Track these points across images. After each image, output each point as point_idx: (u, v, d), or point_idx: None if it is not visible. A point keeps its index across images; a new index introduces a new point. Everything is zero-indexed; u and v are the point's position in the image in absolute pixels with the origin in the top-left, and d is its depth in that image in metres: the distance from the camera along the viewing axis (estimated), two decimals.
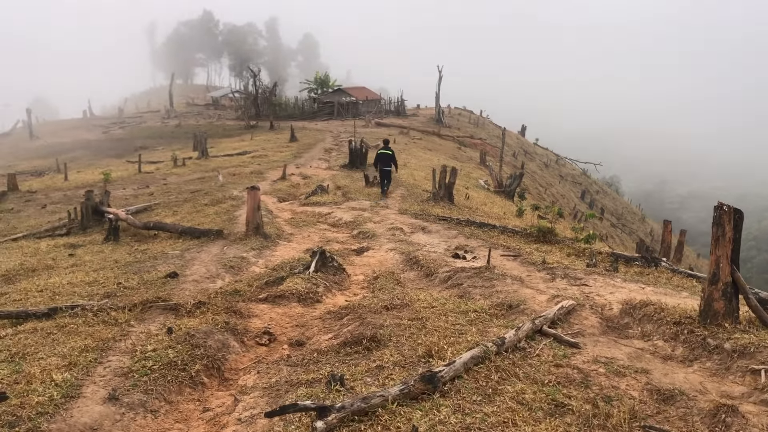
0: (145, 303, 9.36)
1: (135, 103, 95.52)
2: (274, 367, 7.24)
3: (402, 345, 7.26)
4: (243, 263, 12.52)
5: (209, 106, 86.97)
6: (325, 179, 25.49)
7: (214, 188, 23.73)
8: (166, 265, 12.45)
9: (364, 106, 66.86)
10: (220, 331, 8.21)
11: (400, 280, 11.34)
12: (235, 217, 17.39)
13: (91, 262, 13.56)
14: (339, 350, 7.34)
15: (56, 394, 6.15)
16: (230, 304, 9.45)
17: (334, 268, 11.59)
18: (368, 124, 55.65)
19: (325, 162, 32.59)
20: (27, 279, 12.46)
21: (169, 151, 40.34)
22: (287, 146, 40.15)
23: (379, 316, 8.43)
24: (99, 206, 18.83)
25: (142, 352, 7.34)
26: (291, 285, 10.36)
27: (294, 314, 9.46)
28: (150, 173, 32.10)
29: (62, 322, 8.71)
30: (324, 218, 18.24)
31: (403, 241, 14.55)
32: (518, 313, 8.84)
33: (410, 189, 23.73)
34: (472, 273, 11.02)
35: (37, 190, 29.61)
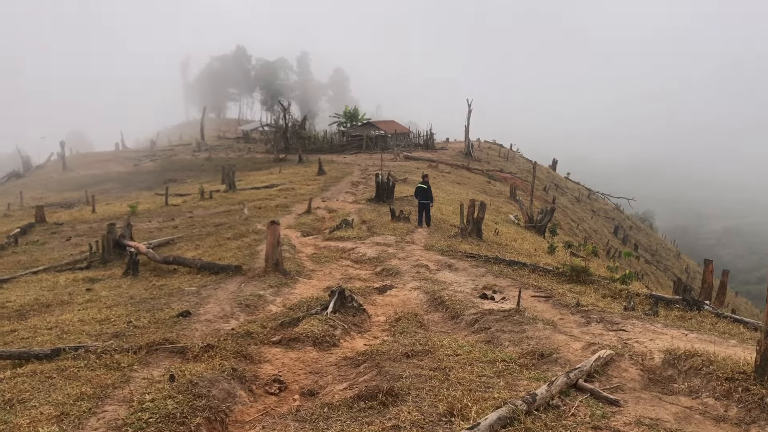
0: (151, 345, 8.86)
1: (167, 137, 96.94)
2: (281, 423, 6.61)
3: (422, 400, 6.58)
4: (259, 302, 11.98)
5: (240, 140, 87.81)
6: (351, 213, 25.03)
7: (238, 222, 23.42)
8: (180, 302, 11.98)
9: (393, 139, 66.71)
10: (226, 379, 7.62)
11: (423, 322, 10.67)
12: (256, 252, 16.94)
13: (106, 298, 13.17)
14: (352, 405, 6.69)
15: None
16: (241, 347, 8.88)
17: (354, 309, 10.98)
18: (396, 157, 55.35)
19: (351, 195, 32.19)
20: (40, 315, 12.10)
21: (198, 184, 40.44)
22: (315, 179, 39.94)
23: (398, 365, 7.77)
24: (121, 239, 18.60)
25: (140, 402, 6.77)
26: (307, 327, 9.76)
27: (308, 359, 8.85)
28: (177, 206, 32.04)
29: (64, 365, 8.24)
30: (347, 254, 17.69)
31: (428, 280, 13.90)
32: (551, 362, 8.11)
33: (437, 224, 23.11)
34: (501, 316, 10.31)
35: (65, 222, 29.69)
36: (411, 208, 25.93)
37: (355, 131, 69.44)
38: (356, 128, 70.48)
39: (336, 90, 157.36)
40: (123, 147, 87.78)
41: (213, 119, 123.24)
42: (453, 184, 42.24)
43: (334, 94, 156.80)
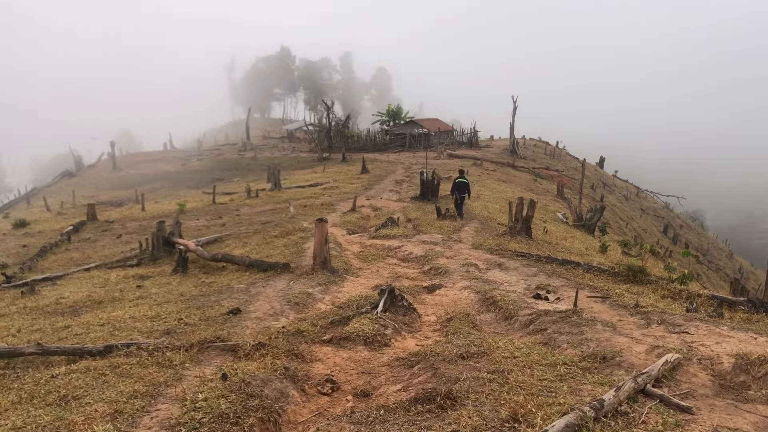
0: (203, 342, 8.80)
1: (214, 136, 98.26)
2: (335, 424, 6.43)
3: (482, 404, 6.32)
4: (308, 300, 11.86)
5: (284, 139, 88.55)
6: (396, 211, 24.82)
7: (284, 220, 23.45)
8: (230, 300, 11.95)
9: (436, 137, 66.23)
10: (279, 378, 7.48)
11: (476, 323, 10.38)
12: (303, 249, 16.87)
13: (156, 295, 13.26)
14: (409, 408, 6.47)
15: None
16: (292, 346, 8.74)
17: (404, 308, 10.76)
18: (440, 155, 54.93)
19: (395, 194, 31.98)
20: (92, 311, 12.23)
21: (244, 183, 40.78)
22: (358, 178, 39.87)
23: (454, 367, 7.51)
24: (170, 237, 18.77)
25: (193, 401, 6.68)
26: (357, 326, 9.58)
27: (360, 359, 8.66)
28: (224, 204, 32.33)
29: (116, 362, 8.24)
30: (394, 252, 17.48)
31: (478, 279, 13.58)
32: (614, 366, 7.74)
33: (484, 222, 22.72)
34: (558, 317, 9.95)
35: (115, 220, 30.24)
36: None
37: (398, 129, 69.21)
38: (399, 126, 70.24)
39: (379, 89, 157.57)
40: (171, 147, 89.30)
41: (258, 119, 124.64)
42: (498, 182, 41.65)
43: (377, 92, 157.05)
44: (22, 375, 8.23)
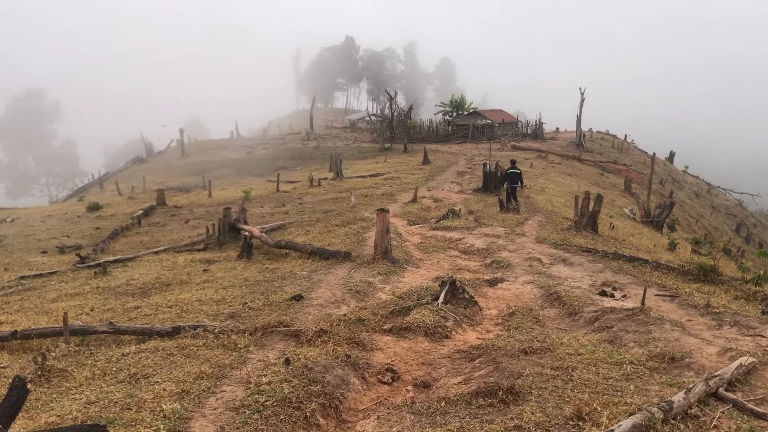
0: (266, 327, 8.97)
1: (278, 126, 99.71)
2: (396, 414, 6.44)
3: (545, 401, 6.21)
4: (369, 289, 11.92)
5: (346, 129, 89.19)
6: (457, 203, 24.64)
7: (346, 209, 23.62)
8: (293, 286, 12.13)
9: (500, 128, 65.38)
10: (340, 365, 7.55)
11: (539, 318, 10.21)
12: (364, 239, 16.96)
13: (222, 279, 13.57)
14: (470, 401, 6.41)
15: (163, 428, 5.72)
16: (353, 333, 8.81)
17: (465, 301, 10.67)
18: (504, 147, 54.21)
19: (457, 185, 31.75)
20: (160, 293, 12.62)
21: (307, 172, 41.28)
22: (420, 168, 39.76)
23: (516, 362, 7.41)
24: (235, 223, 19.17)
25: (257, 384, 6.81)
26: (418, 317, 9.57)
27: (420, 350, 8.65)
28: (287, 192, 32.81)
29: (184, 343, 8.49)
30: (455, 244, 17.37)
31: (541, 274, 13.34)
32: (683, 367, 7.47)
33: (549, 216, 22.31)
34: (624, 315, 9.68)
35: (183, 205, 31.12)
36: (520, 198, 25.21)
37: (461, 120, 68.64)
38: (462, 117, 69.64)
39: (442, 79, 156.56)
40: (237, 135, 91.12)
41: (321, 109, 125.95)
42: (563, 175, 40.82)
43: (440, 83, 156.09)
44: (95, 352, 8.56)
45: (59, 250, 20.91)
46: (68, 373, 7.63)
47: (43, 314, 11.44)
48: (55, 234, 25.35)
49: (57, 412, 6.26)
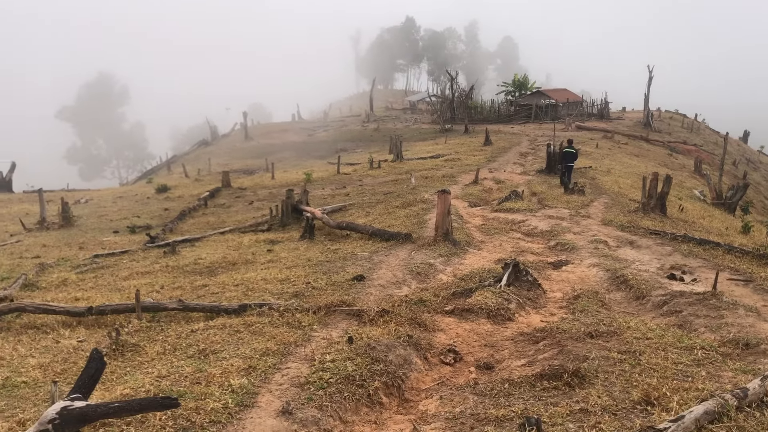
0: (329, 306, 9.09)
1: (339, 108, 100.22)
2: (459, 394, 6.44)
3: (612, 385, 6.09)
4: (430, 270, 11.91)
5: (406, 110, 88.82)
6: (520, 184, 24.27)
7: (406, 191, 23.60)
8: (354, 266, 12.24)
9: (564, 108, 63.82)
10: (402, 345, 7.59)
11: (604, 301, 9.99)
12: (424, 220, 16.92)
13: (286, 259, 13.80)
14: (534, 383, 6.35)
15: (231, 402, 5.88)
16: (415, 314, 8.83)
17: (529, 283, 10.54)
18: (568, 127, 52.94)
19: (520, 166, 31.25)
20: (227, 272, 12.94)
21: (367, 154, 41.40)
22: (481, 150, 39.29)
23: (582, 345, 7.28)
24: (298, 205, 19.44)
25: (321, 361, 6.93)
26: (480, 298, 9.51)
27: (482, 332, 8.60)
28: (347, 174, 33.02)
29: (250, 320, 8.69)
30: (517, 226, 17.13)
31: (607, 256, 13.03)
32: (758, 354, 7.19)
33: (615, 198, 21.73)
34: (694, 299, 9.37)
35: (247, 187, 31.75)
36: (585, 180, 24.64)
37: (523, 100, 67.33)
38: (525, 97, 68.29)
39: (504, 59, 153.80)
40: (298, 118, 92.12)
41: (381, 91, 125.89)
42: (630, 156, 39.60)
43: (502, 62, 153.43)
44: (166, 328, 8.88)
45: (130, 230, 21.68)
46: (141, 348, 7.94)
47: (116, 291, 11.90)
48: (126, 215, 26.30)
49: (131, 385, 6.52)
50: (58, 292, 12.23)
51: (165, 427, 5.37)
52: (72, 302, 10.73)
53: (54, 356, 8.01)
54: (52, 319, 9.76)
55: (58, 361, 7.83)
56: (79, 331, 9.19)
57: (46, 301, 10.62)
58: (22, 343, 8.66)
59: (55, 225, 23.31)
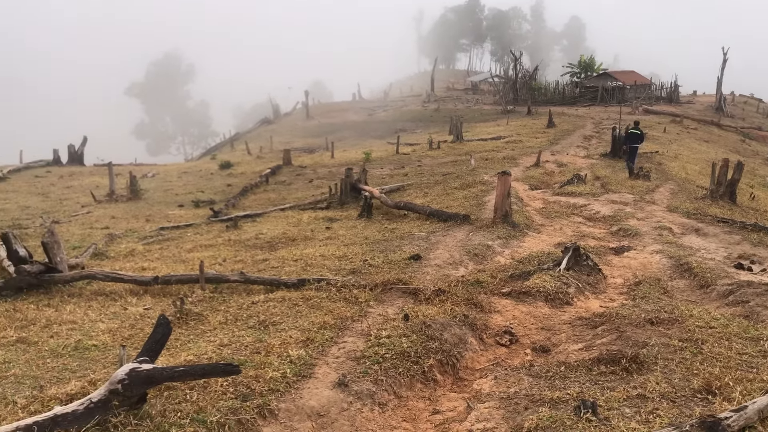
0: (386, 284, 9.18)
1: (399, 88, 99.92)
2: (513, 375, 6.44)
3: (671, 372, 5.97)
4: (488, 252, 11.85)
5: (468, 91, 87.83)
6: (583, 168, 23.76)
7: (465, 172, 23.45)
8: (411, 246, 12.29)
9: (632, 91, 61.92)
10: (458, 325, 7.62)
11: (667, 288, 9.75)
12: (483, 202, 16.81)
13: (343, 237, 13.97)
14: (591, 367, 6.28)
15: (289, 372, 6.05)
16: (471, 295, 8.83)
17: (589, 268, 10.37)
18: (635, 111, 51.41)
19: (583, 150, 30.57)
20: (286, 247, 13.20)
21: (426, 134, 41.25)
22: (543, 132, 38.59)
23: (641, 331, 7.15)
24: (357, 183, 19.60)
25: (377, 337, 7.03)
26: (538, 282, 9.42)
27: (539, 315, 8.54)
28: (406, 154, 33.00)
29: (308, 295, 8.87)
30: (579, 210, 16.82)
31: (671, 243, 12.68)
32: None
33: (681, 184, 21.06)
34: (763, 289, 9.04)
35: (307, 165, 32.14)
36: (651, 165, 23.93)
37: (589, 82, 65.61)
38: (591, 79, 66.53)
39: (570, 39, 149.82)
40: (359, 97, 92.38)
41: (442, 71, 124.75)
42: (699, 141, 38.20)
43: (568, 43, 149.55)
44: (228, 299, 9.15)
45: (194, 204, 22.30)
46: (204, 317, 8.22)
47: (181, 262, 12.30)
48: (191, 189, 27.05)
49: (194, 352, 6.77)
50: (126, 261, 12.73)
51: (226, 393, 5.56)
52: (139, 272, 11.16)
53: (122, 322, 8.37)
54: (120, 287, 10.17)
55: (125, 326, 8.17)
56: (145, 300, 9.56)
57: (115, 269, 11.07)
58: (92, 309, 9.07)
59: (124, 198, 24.19)
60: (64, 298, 9.64)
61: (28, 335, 7.78)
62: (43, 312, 8.84)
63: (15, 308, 8.97)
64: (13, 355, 7.11)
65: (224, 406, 5.32)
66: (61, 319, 8.49)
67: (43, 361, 6.95)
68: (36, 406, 5.51)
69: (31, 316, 8.58)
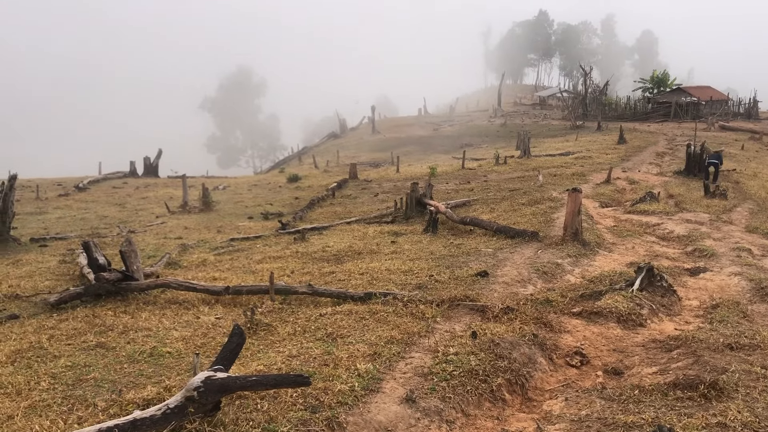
0: (453, 300, 9.14)
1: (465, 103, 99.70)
2: (585, 397, 6.29)
3: (754, 401, 5.71)
4: (557, 270, 11.64)
5: (536, 106, 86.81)
6: (656, 186, 23.09)
7: (532, 188, 23.14)
8: (477, 262, 12.20)
9: (707, 107, 59.83)
10: (527, 344, 7.51)
11: (747, 312, 9.34)
12: (552, 219, 16.54)
13: (409, 251, 13.99)
14: (667, 392, 6.08)
15: (357, 385, 6.09)
16: (540, 314, 8.69)
17: (663, 289, 10.05)
18: (710, 127, 49.62)
19: (656, 167, 29.70)
20: (352, 261, 13.32)
21: (493, 149, 40.94)
22: (614, 148, 37.70)
23: (720, 356, 6.87)
24: (422, 198, 19.61)
25: (444, 353, 7.00)
26: (610, 302, 9.19)
27: (611, 336, 8.32)
28: (472, 170, 32.84)
29: (375, 308, 8.92)
30: (652, 229, 16.33)
31: (751, 266, 12.15)
32: None
33: (762, 204, 20.16)
34: None
35: (373, 179, 32.41)
36: (728, 184, 23.04)
37: (662, 98, 63.75)
38: (664, 94, 64.66)
39: (642, 53, 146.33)
40: (425, 112, 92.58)
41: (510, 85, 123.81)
42: None
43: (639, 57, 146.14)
44: (296, 310, 9.31)
45: (263, 216, 22.82)
46: (273, 328, 8.38)
47: (250, 273, 12.59)
48: (260, 202, 27.69)
49: (264, 362, 6.91)
50: (198, 271, 13.11)
51: (296, 404, 5.65)
52: (210, 281, 11.48)
53: (194, 330, 8.62)
54: (192, 296, 10.48)
55: (198, 335, 8.41)
56: (217, 309, 9.82)
57: (188, 279, 11.42)
58: (166, 317, 9.37)
59: (196, 209, 24.98)
60: (140, 305, 10.01)
61: (106, 340, 8.12)
62: (120, 318, 9.20)
63: (94, 314, 9.38)
64: (93, 360, 7.42)
65: (294, 417, 5.41)
66: (137, 325, 8.82)
67: (120, 366, 7.23)
68: (115, 409, 5.75)
69: (109, 322, 8.95)
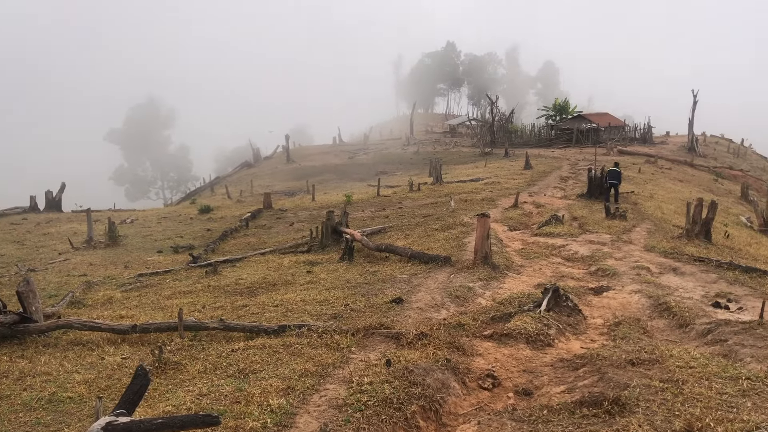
0: (368, 328, 9.15)
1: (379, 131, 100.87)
2: (497, 420, 6.41)
3: (653, 414, 5.98)
4: (469, 294, 11.88)
5: (446, 134, 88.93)
6: (560, 209, 24.05)
7: (445, 213, 23.61)
8: (393, 289, 12.28)
9: (606, 133, 63.17)
10: (440, 369, 7.59)
11: (647, 329, 9.83)
12: (463, 243, 16.90)
13: (325, 281, 13.92)
14: (574, 410, 6.28)
15: (270, 422, 5.97)
16: (453, 338, 8.82)
17: (569, 309, 10.42)
18: (609, 151, 52.35)
19: (560, 191, 30.98)
20: (267, 293, 13.12)
21: (407, 176, 41.58)
22: (521, 174, 39.11)
23: (623, 373, 7.17)
24: (338, 226, 19.62)
25: (359, 383, 6.97)
26: (519, 323, 9.44)
27: (521, 357, 8.54)
28: (387, 197, 33.16)
29: (289, 341, 8.80)
30: (558, 251, 16.97)
31: (650, 283, 12.82)
32: None
33: (658, 224, 21.37)
34: (740, 328, 9.15)
35: (288, 209, 32.13)
36: (627, 205, 24.30)
37: (564, 124, 66.87)
38: (566, 121, 67.85)
39: (545, 83, 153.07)
40: (339, 141, 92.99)
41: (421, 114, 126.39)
42: (674, 181, 38.93)
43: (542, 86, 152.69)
44: (207, 347, 9.04)
45: (173, 249, 22.13)
46: (182, 366, 8.11)
47: (159, 310, 12.16)
48: (170, 234, 26.86)
49: (173, 402, 6.66)
50: (104, 309, 12.55)
51: None
52: (117, 320, 11.00)
53: (99, 372, 8.22)
54: (97, 336, 10.01)
55: (102, 377, 8.02)
56: (123, 349, 9.41)
57: (92, 318, 10.90)
58: (68, 360, 8.90)
59: (102, 244, 23.92)
60: (39, 348, 9.46)
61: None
62: (17, 364, 8.66)
63: None
64: None
65: None
66: (35, 370, 8.32)
67: (15, 415, 6.79)
68: None
69: (4, 369, 8.41)
